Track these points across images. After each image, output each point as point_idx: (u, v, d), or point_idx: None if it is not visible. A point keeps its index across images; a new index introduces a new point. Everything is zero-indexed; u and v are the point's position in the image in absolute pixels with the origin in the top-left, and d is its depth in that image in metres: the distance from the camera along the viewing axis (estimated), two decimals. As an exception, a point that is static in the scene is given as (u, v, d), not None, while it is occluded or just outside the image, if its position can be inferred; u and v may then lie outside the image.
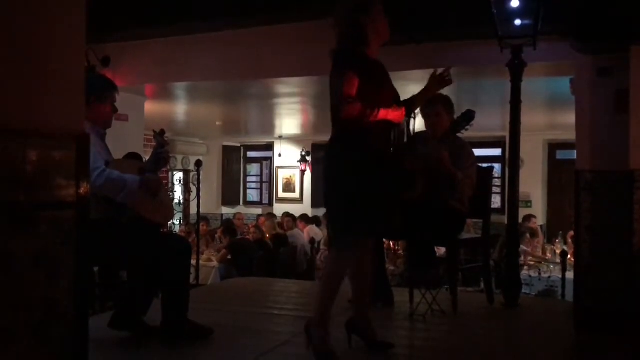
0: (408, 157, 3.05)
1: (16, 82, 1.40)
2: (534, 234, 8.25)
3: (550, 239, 9.27)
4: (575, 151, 4.52)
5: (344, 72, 2.76)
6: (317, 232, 9.43)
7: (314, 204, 12.99)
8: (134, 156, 3.70)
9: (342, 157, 2.80)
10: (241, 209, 13.98)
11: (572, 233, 8.23)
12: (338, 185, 2.78)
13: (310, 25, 5.17)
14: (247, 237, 9.19)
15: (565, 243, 8.05)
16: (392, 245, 7.50)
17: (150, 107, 7.47)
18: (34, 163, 1.40)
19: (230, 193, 14.19)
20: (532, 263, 7.47)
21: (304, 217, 10.45)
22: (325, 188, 2.93)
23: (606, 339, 3.50)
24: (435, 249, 4.42)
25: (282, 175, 13.48)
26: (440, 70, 3.01)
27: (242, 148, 14.51)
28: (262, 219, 10.43)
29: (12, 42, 1.39)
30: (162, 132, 3.32)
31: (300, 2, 4.86)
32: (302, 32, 5.29)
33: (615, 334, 3.54)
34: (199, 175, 7.09)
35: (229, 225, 9.46)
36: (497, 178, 10.82)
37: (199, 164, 7.11)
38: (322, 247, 8.39)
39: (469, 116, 3.67)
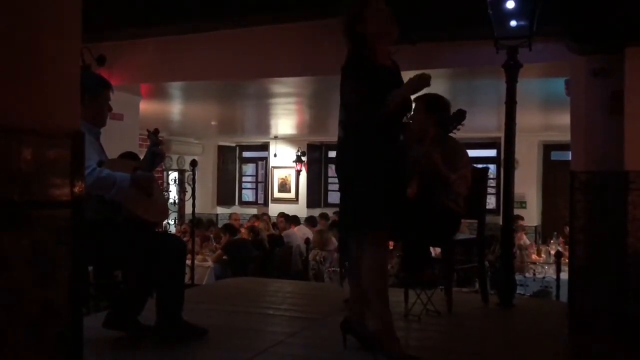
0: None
1: (11, 80, 1.39)
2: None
3: (545, 240, 9.29)
4: (570, 152, 4.53)
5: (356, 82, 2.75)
6: (306, 232, 9.41)
7: (310, 204, 12.99)
8: (130, 155, 3.68)
9: (366, 156, 2.74)
10: (236, 208, 13.96)
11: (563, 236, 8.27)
12: (361, 182, 2.73)
13: (306, 26, 5.17)
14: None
15: (559, 241, 8.08)
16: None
17: (146, 106, 7.45)
18: (29, 161, 1.39)
19: (226, 193, 14.19)
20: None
21: (294, 218, 10.39)
22: (347, 186, 2.86)
23: (600, 340, 3.51)
24: (431, 249, 4.42)
25: (277, 175, 13.48)
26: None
27: (237, 148, 14.50)
28: (258, 221, 10.38)
29: (7, 40, 1.39)
30: (156, 130, 3.32)
31: (296, 2, 4.86)
32: (298, 32, 5.30)
33: (609, 335, 3.55)
34: (194, 175, 7.08)
35: (227, 225, 9.45)
36: (492, 179, 10.84)
37: (194, 163, 7.10)
38: (315, 248, 8.38)
39: (460, 116, 3.68)
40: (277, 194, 13.49)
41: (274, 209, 12.68)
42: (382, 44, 2.81)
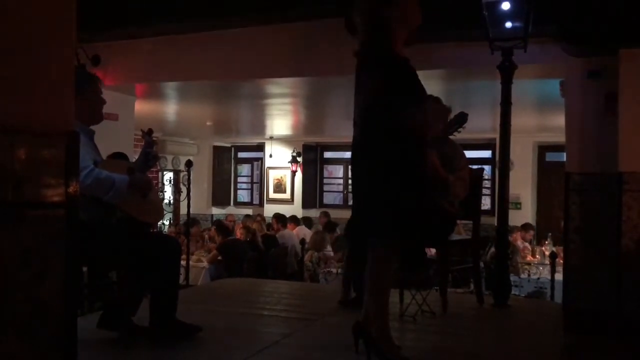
0: None
1: (5, 80, 1.39)
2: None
3: (539, 241, 9.32)
4: (565, 153, 4.55)
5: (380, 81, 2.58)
6: (307, 233, 9.43)
7: (305, 205, 12.99)
8: (119, 156, 3.66)
9: (386, 157, 2.60)
10: (231, 209, 13.95)
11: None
12: (381, 186, 2.59)
13: (301, 26, 5.18)
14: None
15: (555, 244, 8.09)
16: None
17: (141, 106, 7.44)
18: (23, 161, 1.38)
19: (221, 193, 14.16)
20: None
21: (285, 218, 10.41)
22: (363, 189, 2.70)
23: (594, 340, 3.52)
24: (426, 250, 4.42)
25: (272, 176, 13.47)
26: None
27: (232, 148, 14.48)
28: (256, 223, 10.35)
29: (2, 39, 1.38)
30: (150, 131, 3.30)
31: (292, 3, 4.86)
32: (294, 32, 5.30)
33: (604, 335, 3.57)
34: (189, 175, 7.08)
35: (221, 225, 9.44)
36: (487, 180, 10.86)
37: (189, 164, 7.09)
38: (310, 249, 8.39)
39: (461, 119, 3.67)
40: (272, 195, 13.47)
41: (269, 210, 12.66)
42: (402, 33, 2.67)
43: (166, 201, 10.78)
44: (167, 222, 10.88)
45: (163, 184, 11.68)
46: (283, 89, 7.12)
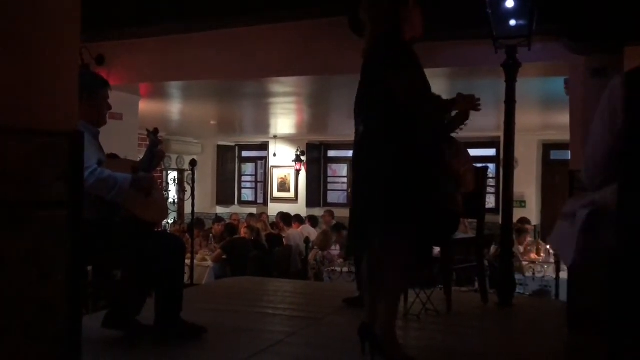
0: None
1: (8, 79, 1.39)
2: (520, 231, 8.26)
3: (544, 239, 9.29)
4: (569, 151, 4.54)
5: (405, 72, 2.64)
6: (311, 231, 9.43)
7: (309, 204, 13.00)
8: (113, 157, 3.66)
9: (397, 150, 2.61)
10: (236, 208, 13.96)
11: None
12: (392, 175, 2.59)
13: (305, 25, 5.17)
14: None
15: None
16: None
17: (145, 106, 7.45)
18: (26, 161, 1.39)
19: (225, 192, 14.18)
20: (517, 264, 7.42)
21: (297, 217, 10.45)
22: (373, 181, 2.67)
23: (599, 339, 3.50)
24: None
25: (276, 175, 13.47)
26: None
27: (236, 147, 14.49)
28: (260, 222, 10.37)
29: (5, 39, 1.38)
30: (156, 130, 3.31)
31: (296, 1, 4.85)
32: (298, 31, 5.29)
33: (608, 334, 3.54)
34: (193, 174, 7.08)
35: (229, 225, 9.47)
36: (492, 178, 10.84)
37: (193, 163, 7.10)
38: (315, 247, 8.39)
39: (463, 116, 3.66)
40: (276, 194, 13.48)
41: (273, 209, 12.67)
42: (409, 36, 2.73)
43: (170, 200, 10.83)
44: (171, 221, 10.91)
45: (167, 183, 11.71)
46: (287, 88, 7.12)
